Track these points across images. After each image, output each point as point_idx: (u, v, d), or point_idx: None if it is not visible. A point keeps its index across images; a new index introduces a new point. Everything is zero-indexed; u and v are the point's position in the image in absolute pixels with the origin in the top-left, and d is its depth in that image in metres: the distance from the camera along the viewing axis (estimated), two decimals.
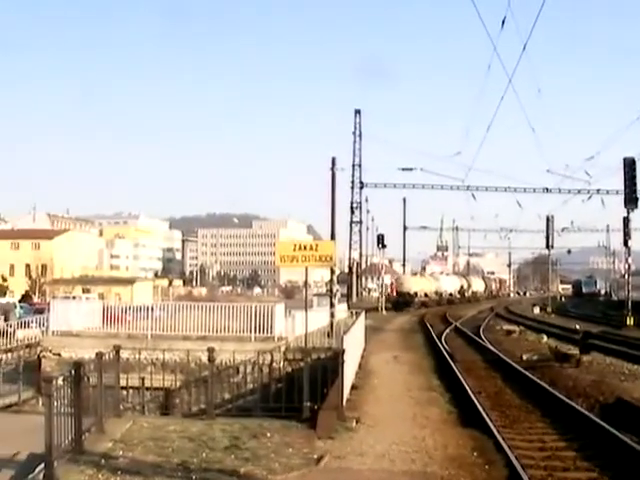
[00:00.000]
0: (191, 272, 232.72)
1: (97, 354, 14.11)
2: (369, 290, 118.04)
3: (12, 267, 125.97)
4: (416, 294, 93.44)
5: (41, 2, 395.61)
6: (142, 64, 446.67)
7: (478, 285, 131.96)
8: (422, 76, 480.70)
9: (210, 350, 16.90)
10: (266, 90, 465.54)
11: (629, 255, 61.32)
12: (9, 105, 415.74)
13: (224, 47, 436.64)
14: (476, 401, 19.02)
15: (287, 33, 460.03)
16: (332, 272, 46.58)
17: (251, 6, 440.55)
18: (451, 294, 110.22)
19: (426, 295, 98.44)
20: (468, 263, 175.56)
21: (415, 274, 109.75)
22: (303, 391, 16.63)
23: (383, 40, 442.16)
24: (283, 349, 30.24)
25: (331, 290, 46.38)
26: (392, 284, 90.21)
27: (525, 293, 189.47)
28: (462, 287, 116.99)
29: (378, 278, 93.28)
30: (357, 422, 15.88)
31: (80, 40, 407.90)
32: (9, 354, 35.81)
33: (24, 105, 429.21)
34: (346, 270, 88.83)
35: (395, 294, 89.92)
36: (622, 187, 57.57)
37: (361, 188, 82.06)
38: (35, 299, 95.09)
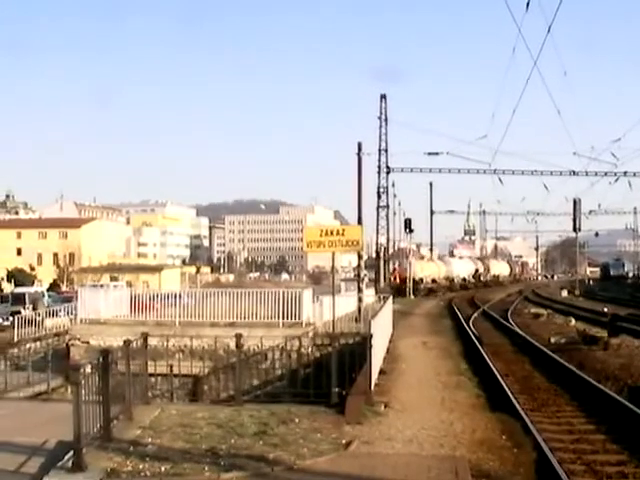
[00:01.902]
0: (219, 259, 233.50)
1: (125, 342, 14.12)
2: None
3: (40, 256, 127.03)
4: (422, 280, 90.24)
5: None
6: (165, 51, 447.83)
7: (501, 268, 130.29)
8: (447, 60, 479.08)
9: (238, 336, 16.88)
10: (292, 76, 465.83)
11: None
12: (35, 95, 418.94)
13: (250, 34, 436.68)
14: (504, 385, 18.99)
15: (315, 20, 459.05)
16: (359, 257, 46.34)
17: None
18: (464, 279, 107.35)
19: (434, 281, 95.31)
20: (496, 247, 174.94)
21: (422, 258, 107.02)
22: (331, 376, 16.61)
23: (408, 25, 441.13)
24: (311, 334, 30.20)
25: (359, 275, 46.19)
26: (394, 270, 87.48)
27: (553, 276, 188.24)
28: (477, 271, 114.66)
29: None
30: (385, 407, 15.88)
31: (97, 33, 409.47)
32: (38, 343, 36.10)
33: (49, 94, 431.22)
34: (373, 255, 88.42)
35: (398, 280, 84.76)
36: None
37: (387, 173, 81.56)
38: (63, 288, 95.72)
